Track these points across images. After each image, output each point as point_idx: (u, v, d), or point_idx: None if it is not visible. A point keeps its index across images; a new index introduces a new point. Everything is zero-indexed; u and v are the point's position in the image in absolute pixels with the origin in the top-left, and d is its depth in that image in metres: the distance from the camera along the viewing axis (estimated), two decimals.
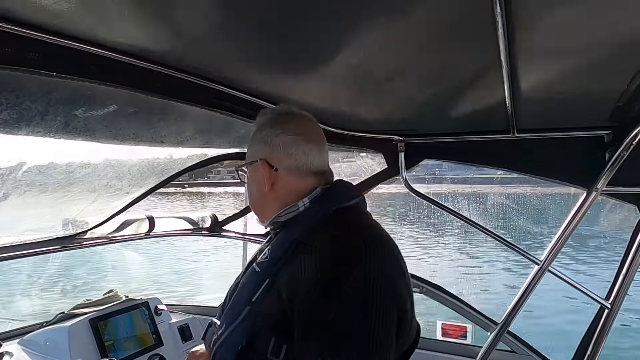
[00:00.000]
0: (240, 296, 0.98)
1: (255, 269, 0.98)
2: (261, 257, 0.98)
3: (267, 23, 0.88)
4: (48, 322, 2.01)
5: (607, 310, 1.71)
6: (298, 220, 0.99)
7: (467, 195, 16.05)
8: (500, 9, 0.77)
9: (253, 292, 0.93)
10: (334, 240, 0.90)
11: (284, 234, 0.99)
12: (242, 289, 0.99)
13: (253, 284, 0.95)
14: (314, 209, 0.99)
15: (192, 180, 39.38)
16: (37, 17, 0.81)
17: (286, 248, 0.94)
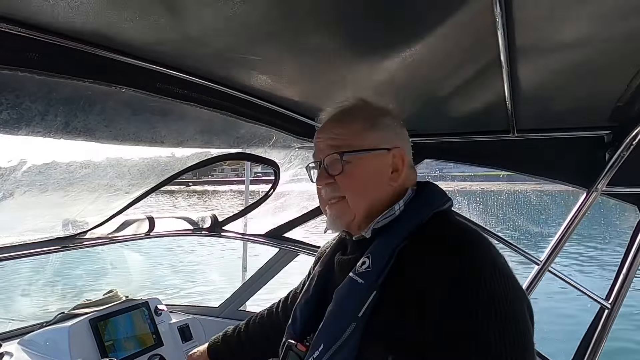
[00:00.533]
0: (341, 312, 0.88)
1: (355, 280, 0.89)
2: (361, 266, 0.89)
3: (267, 23, 0.88)
4: (48, 322, 2.01)
5: (607, 310, 1.71)
6: (396, 226, 0.92)
7: (477, 193, 15.91)
8: (500, 9, 0.77)
9: (358, 307, 0.85)
10: (444, 249, 0.84)
11: (382, 240, 0.91)
12: (341, 303, 0.90)
13: (356, 296, 0.87)
14: (411, 213, 0.93)
15: (196, 178, 39.34)
16: (37, 17, 0.81)
17: (389, 257, 0.88)
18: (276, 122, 1.58)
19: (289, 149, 2.14)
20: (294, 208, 2.52)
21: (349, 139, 0.96)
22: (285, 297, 1.37)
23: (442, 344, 0.77)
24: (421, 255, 0.86)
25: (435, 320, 0.78)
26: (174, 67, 1.12)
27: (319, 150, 1.00)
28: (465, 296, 0.78)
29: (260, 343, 1.35)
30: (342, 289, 0.91)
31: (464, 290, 0.78)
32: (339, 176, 0.96)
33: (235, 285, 2.66)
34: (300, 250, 2.38)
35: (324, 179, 0.97)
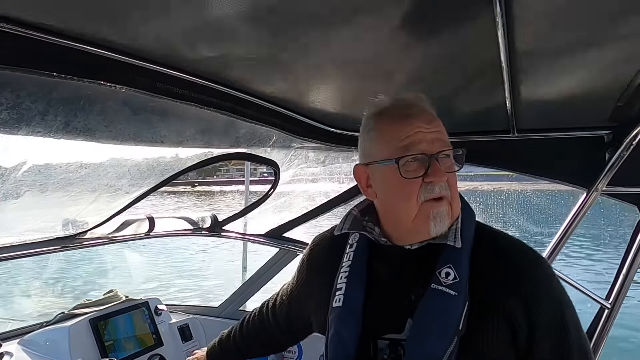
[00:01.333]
0: (440, 328, 0.85)
1: (448, 292, 0.86)
2: (446, 278, 0.88)
3: (267, 23, 0.88)
4: (48, 322, 2.01)
5: (607, 310, 1.71)
6: (462, 232, 0.92)
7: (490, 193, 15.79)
8: (500, 9, 0.77)
9: (457, 320, 0.85)
10: (513, 250, 0.93)
11: (453, 249, 0.90)
12: (437, 319, 0.86)
13: (453, 310, 0.86)
14: (466, 218, 0.95)
15: (202, 178, 39.24)
16: (37, 17, 0.81)
17: (467, 263, 0.89)
18: (276, 122, 1.58)
19: (289, 149, 2.14)
20: (294, 208, 2.52)
21: (446, 135, 0.94)
22: (273, 301, 1.31)
23: (558, 350, 0.87)
24: (495, 259, 0.91)
25: (546, 327, 0.87)
26: (174, 67, 1.12)
27: (426, 141, 0.89)
28: (561, 301, 0.90)
29: (255, 346, 1.36)
30: (432, 303, 0.87)
31: (558, 295, 0.91)
32: (451, 174, 0.91)
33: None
34: (300, 250, 2.38)
35: (444, 174, 0.89)
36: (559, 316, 0.88)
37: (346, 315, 0.95)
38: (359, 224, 1.02)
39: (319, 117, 1.69)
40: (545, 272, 0.92)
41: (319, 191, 2.44)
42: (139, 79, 1.08)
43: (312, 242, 1.20)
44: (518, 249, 0.94)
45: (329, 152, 2.18)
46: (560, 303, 0.90)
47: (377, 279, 0.98)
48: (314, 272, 1.14)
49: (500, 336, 0.86)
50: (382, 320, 0.93)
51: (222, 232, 2.57)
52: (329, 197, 2.26)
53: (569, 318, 0.89)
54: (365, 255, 1.00)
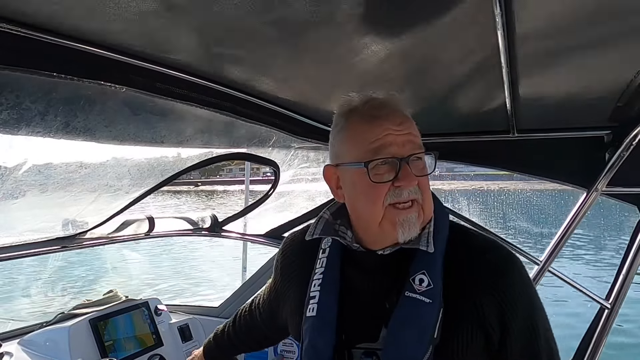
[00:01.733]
0: (415, 338, 0.83)
1: (422, 300, 0.84)
2: (420, 284, 0.85)
3: (267, 23, 0.88)
4: (48, 322, 2.01)
5: (607, 311, 1.71)
6: (435, 236, 0.89)
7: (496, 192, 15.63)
8: (500, 9, 0.77)
9: (432, 328, 0.83)
10: (485, 253, 0.91)
11: (426, 254, 0.87)
12: (411, 327, 0.84)
13: (427, 318, 0.84)
14: (440, 222, 0.92)
15: (205, 178, 39.07)
16: (37, 17, 0.81)
17: (441, 269, 0.87)
18: (276, 122, 1.58)
19: (289, 149, 2.14)
20: (294, 208, 2.52)
21: (419, 139, 0.90)
22: (259, 299, 1.30)
23: (526, 352, 0.88)
24: (469, 264, 0.89)
25: (518, 330, 0.87)
26: (174, 67, 1.12)
27: (397, 144, 0.86)
28: (532, 310, 0.90)
29: (249, 341, 1.38)
30: (405, 311, 0.85)
31: (528, 305, 0.89)
32: (423, 177, 0.88)
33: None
34: None
35: (414, 178, 0.86)
36: (530, 318, 0.88)
37: (320, 326, 0.93)
38: (330, 227, 0.98)
39: (319, 117, 1.69)
40: (519, 273, 0.90)
41: (319, 191, 2.44)
42: (139, 79, 1.08)
43: (284, 243, 1.16)
44: (492, 249, 0.92)
45: (329, 152, 2.17)
46: (532, 305, 0.90)
47: (351, 286, 0.95)
48: (287, 276, 1.11)
49: (475, 341, 0.85)
50: (356, 329, 0.91)
51: (222, 232, 2.57)
52: (329, 197, 2.26)
53: (539, 320, 0.90)
54: (338, 261, 0.97)
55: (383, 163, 0.86)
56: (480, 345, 0.86)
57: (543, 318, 0.91)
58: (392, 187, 0.86)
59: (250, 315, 1.34)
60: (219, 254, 10.48)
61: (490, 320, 0.85)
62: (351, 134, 0.91)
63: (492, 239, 0.96)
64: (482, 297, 0.85)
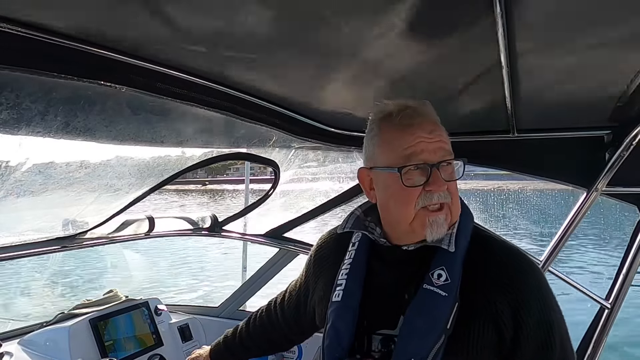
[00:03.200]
0: (429, 326, 0.89)
1: (438, 293, 0.90)
2: (438, 279, 0.91)
3: (268, 23, 0.88)
4: (48, 322, 2.01)
5: (607, 310, 1.71)
6: (457, 236, 0.95)
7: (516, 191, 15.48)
8: (500, 9, 0.77)
9: (446, 319, 0.88)
10: (507, 256, 0.95)
11: (447, 252, 0.93)
12: (427, 317, 0.90)
13: (442, 309, 0.89)
14: (463, 223, 0.98)
15: (211, 177, 39.01)
16: (37, 17, 0.81)
17: (460, 266, 0.92)
18: (276, 122, 1.58)
19: (289, 149, 2.14)
20: (294, 208, 2.52)
21: (449, 145, 0.96)
22: (282, 296, 1.36)
23: (539, 354, 0.90)
24: (488, 263, 0.94)
25: (532, 331, 0.89)
26: (174, 67, 1.12)
27: (428, 151, 0.92)
28: (549, 306, 0.92)
29: (262, 344, 1.37)
30: (422, 303, 0.91)
31: (547, 300, 0.92)
32: (452, 182, 0.95)
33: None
34: (300, 250, 2.38)
35: (444, 184, 0.93)
36: (546, 322, 0.90)
37: (343, 310, 1.00)
38: (361, 223, 1.06)
39: (319, 117, 1.69)
40: (537, 278, 0.94)
41: (319, 191, 2.44)
42: (139, 79, 1.08)
43: (320, 239, 1.25)
44: (512, 254, 0.97)
45: (329, 152, 2.18)
46: (548, 308, 0.92)
47: (375, 277, 1.02)
48: (319, 267, 1.19)
49: (486, 335, 0.89)
50: (377, 316, 0.97)
51: (222, 232, 2.57)
52: (329, 197, 2.26)
53: (556, 326, 0.91)
54: (365, 253, 1.05)
55: (415, 168, 0.93)
56: (493, 341, 0.89)
57: (559, 324, 0.92)
58: (424, 191, 0.92)
59: (268, 316, 1.36)
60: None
61: (504, 317, 0.89)
62: (385, 140, 0.98)
63: (514, 246, 1.00)
64: (497, 295, 0.90)
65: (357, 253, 1.06)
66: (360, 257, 1.05)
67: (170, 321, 2.30)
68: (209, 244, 11.49)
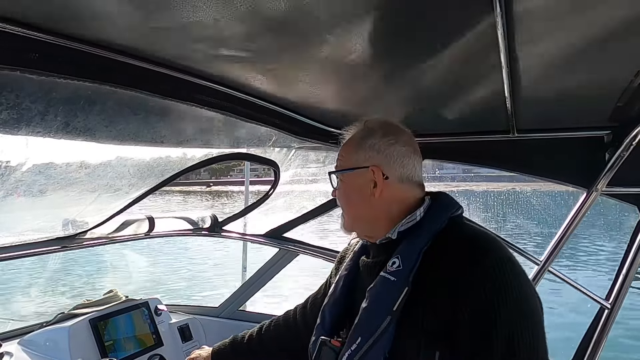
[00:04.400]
0: (376, 307, 0.97)
1: (388, 277, 0.97)
2: (391, 266, 0.98)
3: (268, 23, 0.88)
4: (48, 322, 2.01)
5: (607, 311, 1.71)
6: (419, 230, 1.01)
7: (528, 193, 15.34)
8: (500, 9, 0.77)
9: (392, 301, 0.94)
10: (467, 249, 0.94)
11: (409, 242, 1.00)
12: (375, 299, 0.98)
13: (390, 293, 0.95)
14: (431, 218, 1.02)
15: (215, 178, 38.96)
16: (37, 17, 0.81)
17: (416, 257, 0.97)
18: (276, 122, 1.58)
19: (289, 149, 2.14)
20: (294, 208, 2.52)
21: (344, 159, 1.12)
22: (303, 304, 1.39)
23: (478, 343, 0.86)
24: (446, 255, 0.95)
25: (470, 319, 0.86)
26: (174, 67, 1.12)
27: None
28: (497, 297, 0.86)
29: (274, 349, 1.37)
30: (375, 287, 1.00)
31: (495, 291, 0.87)
32: (336, 191, 1.14)
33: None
34: (300, 250, 2.39)
35: (333, 192, 1.15)
36: (487, 313, 0.85)
37: (330, 300, 1.16)
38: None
39: (319, 117, 1.69)
40: (487, 267, 0.88)
41: (319, 191, 2.44)
42: (139, 79, 1.08)
43: (352, 237, 1.35)
44: (468, 244, 0.95)
45: (329, 152, 2.18)
46: (495, 301, 0.85)
47: (360, 272, 1.15)
48: (339, 269, 1.28)
49: (430, 322, 0.90)
50: (358, 303, 1.04)
51: (222, 232, 2.57)
52: (329, 197, 2.26)
53: (504, 320, 0.84)
54: (360, 252, 1.19)
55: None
56: (437, 328, 0.90)
57: (511, 318, 0.85)
58: None
59: (286, 325, 1.39)
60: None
61: (444, 304, 0.89)
62: None
63: (481, 237, 0.96)
64: (442, 282, 0.91)
65: (354, 253, 1.20)
66: (355, 255, 1.19)
67: (170, 321, 2.30)
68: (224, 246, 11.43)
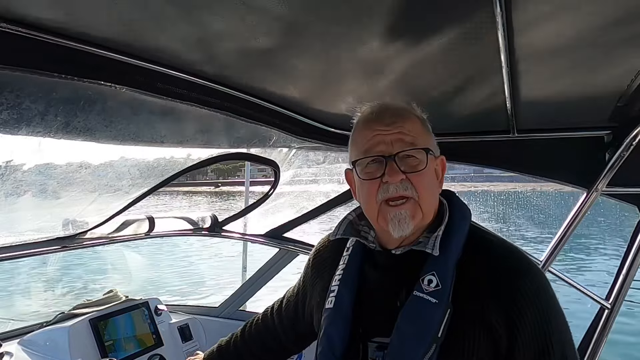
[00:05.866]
0: (418, 335, 0.86)
1: (428, 300, 0.87)
2: (428, 285, 0.88)
3: (268, 23, 0.88)
4: (48, 322, 2.01)
5: (607, 311, 1.71)
6: (448, 240, 0.91)
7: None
8: (500, 9, 0.77)
9: (437, 327, 0.85)
10: (502, 260, 0.89)
11: (441, 254, 0.89)
12: (416, 325, 0.87)
13: (433, 317, 0.86)
14: (456, 225, 0.93)
15: (223, 178, 38.89)
16: (38, 17, 0.81)
17: (452, 271, 0.88)
18: (276, 122, 1.58)
19: (289, 149, 2.14)
20: (294, 208, 2.52)
21: (418, 137, 0.93)
22: (279, 302, 1.32)
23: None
24: (483, 268, 0.88)
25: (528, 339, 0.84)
26: (174, 67, 1.12)
27: (385, 143, 0.91)
28: (549, 315, 0.85)
29: (257, 350, 1.32)
30: (412, 310, 0.88)
31: (547, 308, 0.85)
32: (415, 174, 0.90)
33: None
34: (300, 250, 2.38)
35: (399, 174, 0.89)
36: (543, 331, 0.85)
37: (335, 317, 0.98)
38: (354, 228, 1.05)
39: (319, 117, 1.69)
40: (535, 283, 0.87)
41: (319, 191, 2.44)
42: (139, 79, 1.08)
43: (318, 243, 1.23)
44: (508, 257, 0.91)
45: (329, 152, 2.18)
46: (547, 318, 0.85)
47: (368, 283, 1.00)
48: (317, 272, 1.17)
49: (481, 345, 0.85)
50: (372, 323, 0.95)
51: (222, 232, 2.57)
52: (329, 197, 2.26)
53: (555, 335, 0.85)
54: (359, 259, 1.03)
55: (373, 162, 0.93)
56: (487, 350, 0.85)
57: (559, 331, 0.86)
58: (382, 184, 0.90)
59: (264, 324, 1.33)
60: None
61: (498, 326, 0.84)
62: (352, 139, 1.00)
63: (513, 247, 0.94)
64: (491, 302, 0.85)
65: (351, 258, 1.04)
66: (354, 262, 1.03)
67: (170, 321, 2.30)
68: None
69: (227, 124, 1.59)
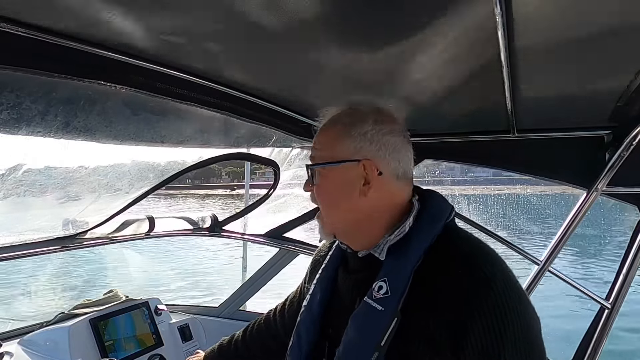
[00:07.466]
0: (361, 341, 0.83)
1: (374, 307, 0.83)
2: (378, 292, 0.84)
3: (267, 23, 0.88)
4: (48, 322, 2.01)
5: (607, 311, 1.71)
6: (407, 245, 0.86)
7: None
8: (500, 9, 0.77)
9: (380, 335, 0.80)
10: (463, 270, 0.80)
11: (396, 261, 0.85)
12: (360, 331, 0.84)
13: (377, 324, 0.81)
14: (422, 229, 0.87)
15: (237, 181, 38.99)
16: (37, 17, 0.81)
17: (407, 280, 0.82)
18: (276, 122, 1.58)
19: (289, 149, 2.14)
20: (294, 208, 2.52)
21: (326, 148, 0.94)
22: (282, 304, 1.34)
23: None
24: (440, 277, 0.81)
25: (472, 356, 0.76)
26: (174, 67, 1.12)
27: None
28: (504, 335, 0.75)
29: (258, 352, 1.33)
30: (359, 315, 0.86)
31: (503, 328, 0.75)
32: (315, 186, 0.95)
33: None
34: (300, 250, 2.39)
35: (308, 186, 0.96)
36: (493, 351, 0.75)
37: (307, 315, 1.01)
38: None
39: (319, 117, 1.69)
40: (493, 298, 0.76)
41: None
42: (139, 79, 1.08)
43: (320, 244, 1.25)
44: (469, 266, 0.80)
45: None
46: (498, 336, 0.75)
47: (339, 284, 1.00)
48: (313, 272, 1.17)
49: (424, 351, 0.79)
50: (339, 324, 0.92)
51: (222, 232, 2.57)
52: None
53: (510, 354, 0.75)
54: (337, 260, 1.04)
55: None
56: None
57: (518, 355, 0.75)
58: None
59: (266, 325, 1.33)
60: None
61: (441, 340, 0.77)
62: None
63: (479, 255, 0.83)
64: (437, 314, 0.79)
65: (331, 259, 1.05)
66: (332, 263, 1.04)
67: (171, 321, 2.30)
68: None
69: (227, 124, 1.59)
